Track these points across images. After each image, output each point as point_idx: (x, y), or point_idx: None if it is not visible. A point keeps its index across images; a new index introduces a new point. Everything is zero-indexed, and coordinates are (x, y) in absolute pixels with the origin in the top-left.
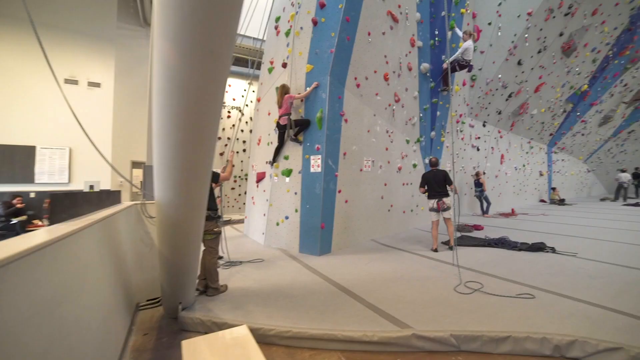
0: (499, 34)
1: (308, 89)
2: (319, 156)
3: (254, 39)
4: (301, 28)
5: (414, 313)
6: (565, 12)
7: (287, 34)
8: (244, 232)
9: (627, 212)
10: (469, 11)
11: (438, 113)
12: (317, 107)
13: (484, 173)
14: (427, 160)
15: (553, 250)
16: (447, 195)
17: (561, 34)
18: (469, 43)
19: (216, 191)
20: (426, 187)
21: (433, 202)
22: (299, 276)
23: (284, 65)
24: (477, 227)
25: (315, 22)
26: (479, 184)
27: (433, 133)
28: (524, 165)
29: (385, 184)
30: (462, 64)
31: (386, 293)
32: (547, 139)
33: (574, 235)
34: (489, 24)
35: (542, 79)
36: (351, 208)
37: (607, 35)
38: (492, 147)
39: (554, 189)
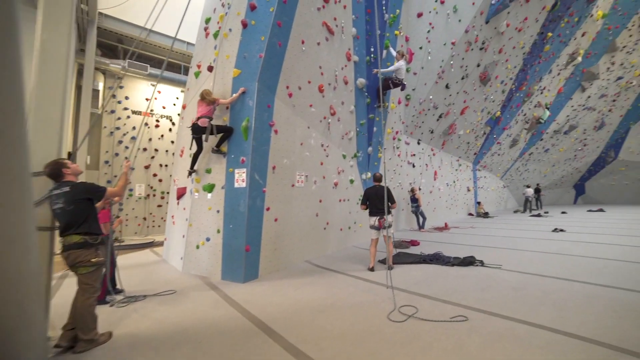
0: (429, 58)
1: (234, 94)
2: (244, 169)
3: (186, 43)
4: (230, 30)
5: (341, 353)
6: (480, 47)
7: (216, 35)
8: (164, 257)
9: (533, 222)
10: (402, 34)
11: (375, 129)
12: (243, 115)
13: (420, 189)
14: (364, 176)
15: (482, 263)
16: (389, 212)
17: (478, 65)
18: (401, 63)
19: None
20: (368, 204)
21: (374, 220)
22: (213, 311)
23: (210, 68)
24: (414, 243)
25: (244, 25)
26: (414, 200)
27: (370, 149)
28: (454, 182)
29: (321, 201)
30: (396, 82)
31: (312, 327)
32: (472, 158)
33: (497, 247)
34: (420, 48)
35: (466, 103)
36: (282, 227)
37: (510, 72)
38: (426, 164)
39: (479, 203)
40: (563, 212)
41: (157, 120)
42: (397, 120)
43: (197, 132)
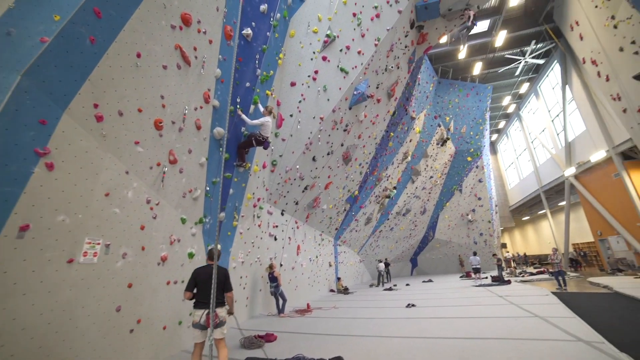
0: (299, 127)
1: None
2: None
3: None
4: None
5: None
6: (344, 128)
7: None
8: None
9: (388, 296)
10: (273, 96)
11: (231, 191)
12: None
13: (281, 265)
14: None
15: None
16: (223, 304)
17: (342, 145)
18: (267, 119)
19: None
20: (195, 291)
21: (201, 314)
22: None
23: None
24: (269, 338)
25: None
26: (273, 279)
27: (223, 214)
28: (317, 257)
29: (131, 285)
30: (259, 139)
31: None
32: (333, 233)
33: (363, 335)
34: (291, 115)
35: (330, 179)
36: (25, 343)
37: (366, 157)
38: (289, 237)
39: (339, 279)
40: (407, 284)
41: None
42: (260, 186)
43: None
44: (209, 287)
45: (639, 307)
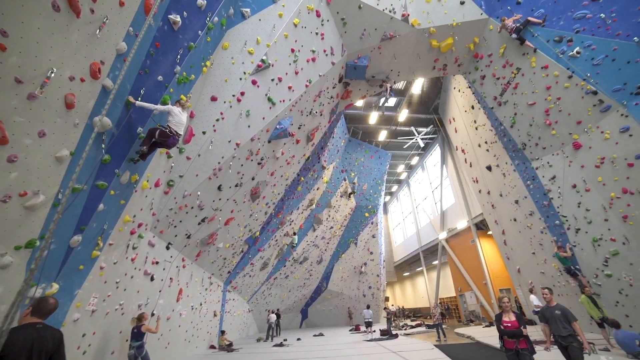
0: (210, 148)
1: None
2: None
3: None
4: None
5: None
6: (258, 162)
7: None
8: None
9: (279, 355)
10: (189, 104)
11: (101, 206)
12: None
13: (153, 314)
14: (40, 292)
15: None
16: None
17: (253, 179)
18: (178, 108)
19: None
20: None
21: None
22: None
23: None
24: None
25: None
26: (139, 335)
27: (78, 237)
28: (201, 304)
29: None
30: (165, 132)
31: None
32: (225, 276)
33: None
34: (204, 133)
35: (233, 214)
36: None
37: (275, 197)
38: (171, 278)
39: (223, 332)
40: (299, 339)
41: None
42: (145, 208)
43: None
44: None
45: (496, 354)
